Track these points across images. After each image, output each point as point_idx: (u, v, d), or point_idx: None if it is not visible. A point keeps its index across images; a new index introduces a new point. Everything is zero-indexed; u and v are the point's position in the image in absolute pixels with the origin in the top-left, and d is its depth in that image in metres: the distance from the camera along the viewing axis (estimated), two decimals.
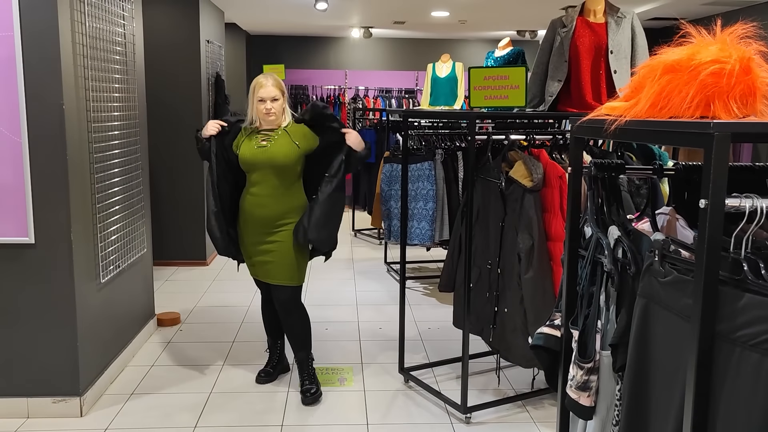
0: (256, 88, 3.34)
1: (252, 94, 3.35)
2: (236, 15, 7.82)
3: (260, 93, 3.32)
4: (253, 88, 3.35)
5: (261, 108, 3.32)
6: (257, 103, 3.33)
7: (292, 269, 3.39)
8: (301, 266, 3.45)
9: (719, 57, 1.42)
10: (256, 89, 3.34)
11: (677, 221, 1.73)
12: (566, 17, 3.64)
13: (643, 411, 1.60)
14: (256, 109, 3.34)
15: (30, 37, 3.03)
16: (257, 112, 3.35)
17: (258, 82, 3.36)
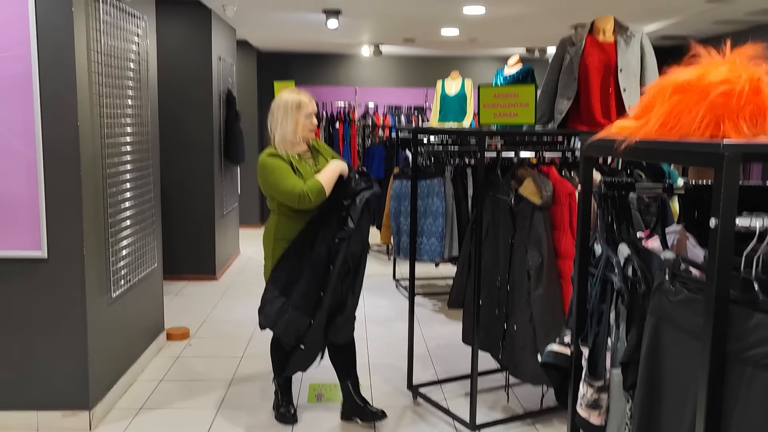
0: (302, 105, 3.17)
1: (294, 111, 3.15)
2: (248, 32, 7.90)
3: (308, 108, 3.18)
4: (296, 105, 3.16)
5: (308, 124, 3.19)
6: (304, 119, 3.17)
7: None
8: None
9: (729, 77, 1.43)
10: (302, 106, 3.17)
11: (687, 240, 1.73)
12: (575, 36, 3.66)
13: (654, 430, 1.59)
14: (302, 126, 3.17)
15: (46, 54, 3.08)
16: (303, 129, 3.18)
17: (299, 99, 3.18)
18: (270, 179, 3.09)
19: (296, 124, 3.17)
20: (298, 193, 3.00)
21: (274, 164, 3.10)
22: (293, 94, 3.22)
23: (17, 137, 3.11)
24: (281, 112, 3.18)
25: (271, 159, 3.12)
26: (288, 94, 3.23)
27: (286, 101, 3.18)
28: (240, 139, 6.95)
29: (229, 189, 7.07)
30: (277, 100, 3.24)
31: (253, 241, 8.53)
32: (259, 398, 3.74)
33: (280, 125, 3.18)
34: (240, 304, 5.64)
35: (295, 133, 3.17)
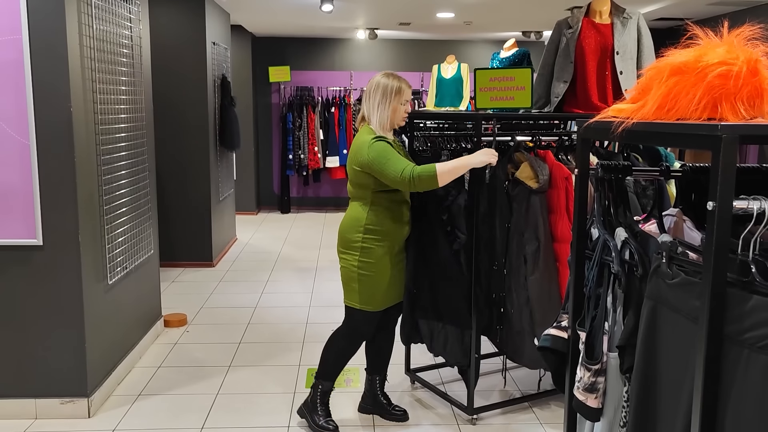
0: (402, 92, 3.02)
1: (393, 96, 2.99)
2: (242, 17, 7.84)
3: (407, 95, 3.04)
4: (396, 90, 3.00)
5: (402, 111, 3.04)
6: (401, 106, 3.03)
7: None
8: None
9: (726, 59, 1.42)
10: (402, 92, 3.02)
11: (684, 223, 1.73)
12: (572, 18, 3.64)
13: (651, 413, 1.60)
14: (398, 113, 3.03)
15: (38, 40, 3.05)
16: (397, 116, 3.03)
17: (399, 85, 3.02)
18: (378, 159, 2.88)
19: (394, 111, 3.02)
20: (408, 174, 2.83)
21: (381, 146, 2.92)
22: (393, 79, 3.03)
23: (10, 124, 3.09)
24: (380, 96, 3.01)
25: (378, 141, 2.93)
26: (387, 78, 3.04)
27: (386, 85, 3.01)
28: (235, 124, 6.92)
29: (224, 175, 7.05)
30: (376, 81, 3.05)
31: (250, 226, 8.54)
32: (258, 384, 3.75)
33: (377, 109, 3.01)
34: (237, 290, 5.64)
35: (391, 120, 3.03)
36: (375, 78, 3.06)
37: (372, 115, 3.03)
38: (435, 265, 3.19)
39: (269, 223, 8.92)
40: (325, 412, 3.19)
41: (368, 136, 2.97)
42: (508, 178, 3.23)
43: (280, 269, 6.37)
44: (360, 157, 2.95)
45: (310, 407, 3.20)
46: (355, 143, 3.03)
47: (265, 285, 5.81)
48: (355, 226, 3.02)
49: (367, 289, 3.03)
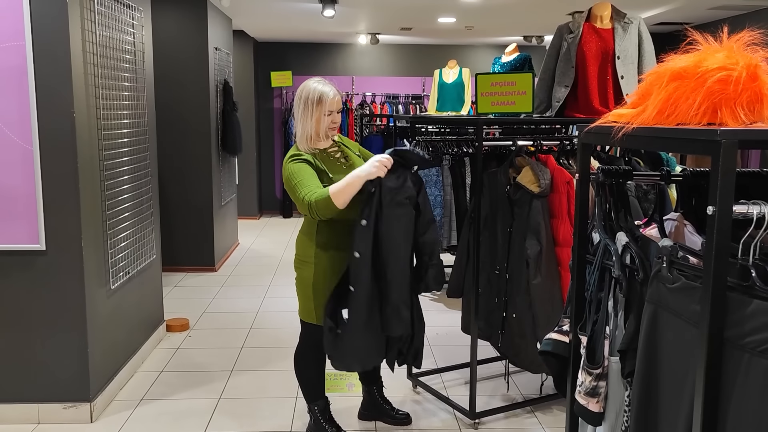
0: (323, 100, 2.81)
1: (315, 106, 2.81)
2: (244, 22, 7.86)
3: (331, 105, 2.82)
4: (317, 100, 2.80)
5: (328, 122, 2.85)
6: (325, 117, 2.83)
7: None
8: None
9: (726, 64, 1.43)
10: (324, 101, 2.81)
11: (685, 227, 1.73)
12: (573, 23, 3.65)
13: (652, 417, 1.60)
14: (323, 124, 2.84)
15: (41, 45, 3.06)
16: (322, 126, 2.84)
17: (322, 92, 2.82)
18: (288, 183, 2.76)
19: (317, 122, 2.83)
20: (306, 203, 2.65)
21: (294, 167, 2.76)
22: (317, 85, 2.84)
23: (13, 129, 3.10)
24: (301, 106, 2.84)
25: (290, 163, 2.78)
26: (312, 84, 2.86)
27: (308, 94, 2.83)
28: (237, 129, 6.94)
29: (227, 180, 7.06)
30: (300, 89, 2.88)
31: (252, 231, 8.55)
32: (259, 389, 3.75)
33: (300, 120, 2.85)
34: (239, 294, 5.64)
35: (316, 131, 2.84)
36: (299, 90, 2.88)
37: (297, 127, 2.88)
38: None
39: (271, 228, 8.92)
40: (332, 426, 3.12)
41: (287, 156, 2.83)
42: (510, 182, 3.23)
43: (282, 274, 6.37)
44: (283, 175, 2.82)
45: (315, 429, 3.11)
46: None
47: (267, 290, 5.81)
48: (306, 240, 2.89)
49: (323, 303, 2.82)
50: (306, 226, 2.93)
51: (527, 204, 3.15)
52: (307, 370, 3.08)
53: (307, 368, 3.07)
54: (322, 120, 2.83)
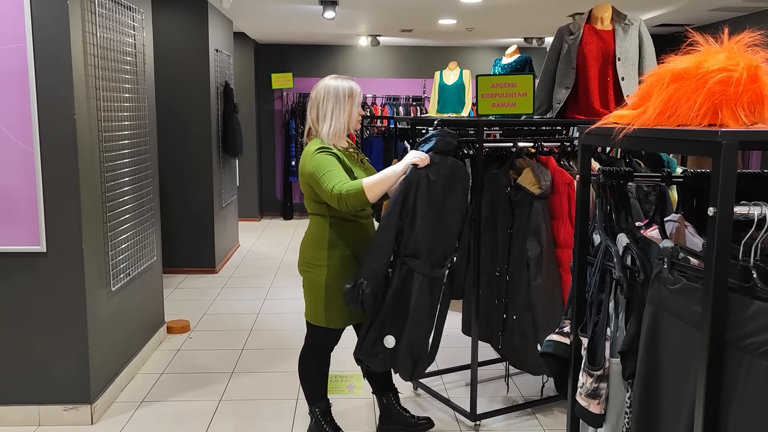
0: (354, 94, 2.84)
1: (346, 100, 2.82)
2: (245, 24, 7.87)
3: (360, 97, 2.87)
4: (348, 94, 2.83)
5: (357, 115, 2.88)
6: (355, 109, 2.86)
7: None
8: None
9: (727, 65, 1.43)
10: (354, 95, 2.84)
11: (686, 228, 1.73)
12: (573, 24, 3.65)
13: (653, 419, 1.60)
14: (353, 117, 2.86)
15: (42, 47, 3.07)
16: (353, 119, 2.87)
17: (351, 86, 2.85)
18: (317, 172, 2.69)
19: (349, 116, 2.84)
20: (337, 193, 2.63)
21: (323, 158, 2.72)
22: (343, 81, 2.86)
23: (14, 130, 3.11)
24: (332, 101, 2.81)
25: (318, 154, 2.73)
26: (336, 80, 2.86)
27: (338, 88, 2.82)
28: (238, 131, 6.94)
29: (227, 181, 7.06)
30: (325, 87, 2.85)
31: (253, 233, 8.55)
32: (260, 390, 3.75)
33: (331, 116, 2.81)
34: (240, 296, 5.64)
35: (347, 124, 2.85)
36: (322, 83, 2.87)
37: (322, 122, 2.84)
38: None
39: (272, 230, 8.92)
40: (333, 428, 3.11)
41: (313, 147, 2.80)
42: (511, 184, 3.23)
43: (282, 275, 6.37)
44: (305, 169, 2.77)
45: (316, 431, 3.10)
46: (302, 156, 2.85)
47: (268, 291, 5.81)
48: (317, 243, 2.85)
49: (332, 307, 2.86)
50: (315, 228, 2.88)
51: (528, 205, 3.15)
52: (311, 371, 3.06)
53: (311, 370, 3.06)
54: (353, 113, 2.86)
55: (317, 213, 2.87)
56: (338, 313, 2.89)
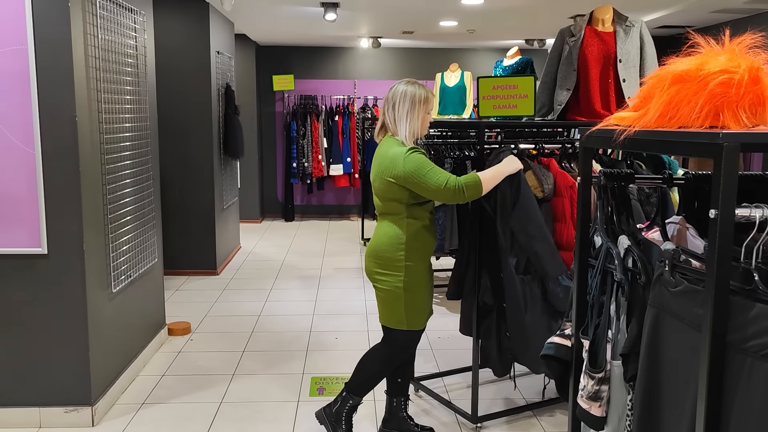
0: (428, 101, 2.93)
1: (420, 105, 2.90)
2: (246, 26, 7.87)
3: (432, 104, 2.97)
4: (424, 99, 2.91)
5: (428, 121, 2.97)
6: (427, 116, 2.95)
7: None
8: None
9: (728, 67, 1.42)
10: (429, 101, 2.93)
11: (687, 230, 1.73)
12: (575, 26, 3.65)
13: (655, 421, 1.59)
14: (425, 122, 2.95)
15: (43, 50, 3.07)
16: (425, 126, 2.95)
17: (425, 94, 2.93)
18: (419, 171, 2.76)
19: (422, 121, 2.93)
20: (453, 186, 2.74)
21: (419, 157, 2.79)
22: (418, 87, 2.93)
23: (15, 133, 3.11)
24: (408, 105, 2.89)
25: (414, 153, 2.80)
26: (412, 86, 2.93)
27: (414, 94, 2.90)
28: (239, 133, 6.95)
29: (228, 183, 7.07)
30: (401, 91, 2.92)
31: (254, 234, 8.55)
32: (261, 392, 3.75)
33: (406, 119, 2.89)
34: (241, 298, 5.64)
35: (421, 128, 2.93)
36: (399, 87, 2.94)
37: (399, 125, 2.90)
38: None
39: (273, 231, 8.93)
40: (348, 427, 3.11)
41: (400, 148, 2.84)
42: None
43: (283, 277, 6.37)
44: (395, 169, 2.80)
45: (334, 417, 3.09)
46: (384, 155, 2.88)
47: (269, 293, 5.81)
48: (395, 243, 2.88)
49: (412, 308, 2.92)
50: (391, 229, 2.91)
51: None
52: (372, 370, 3.08)
53: (374, 369, 3.07)
54: (426, 119, 2.95)
55: (393, 213, 2.91)
56: (419, 314, 2.96)
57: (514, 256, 3.12)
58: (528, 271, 3.11)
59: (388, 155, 2.85)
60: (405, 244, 2.87)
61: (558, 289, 3.00)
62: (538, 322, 3.10)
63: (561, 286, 2.99)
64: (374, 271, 2.96)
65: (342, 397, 3.11)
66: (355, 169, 9.53)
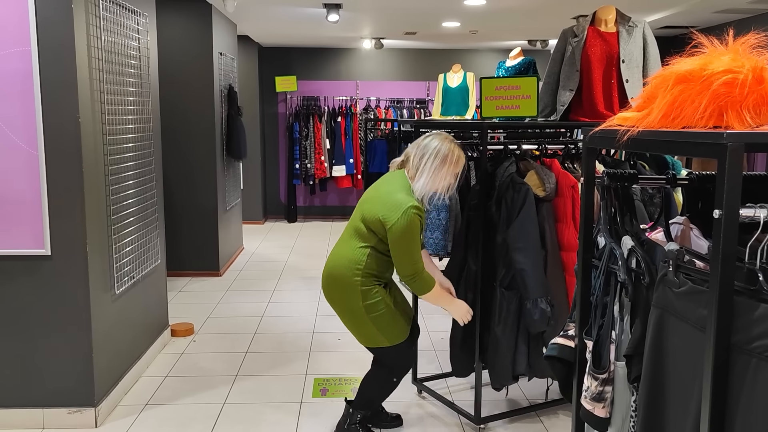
0: (460, 162, 2.87)
1: (452, 165, 2.84)
2: (248, 27, 7.88)
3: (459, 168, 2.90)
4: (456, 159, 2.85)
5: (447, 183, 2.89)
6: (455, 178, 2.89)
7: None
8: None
9: (732, 67, 1.42)
10: (461, 164, 2.88)
11: (691, 231, 1.72)
12: (577, 27, 3.64)
13: (659, 422, 1.59)
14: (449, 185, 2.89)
15: (47, 51, 3.08)
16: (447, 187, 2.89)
17: (460, 156, 2.87)
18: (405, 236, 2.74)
19: (443, 182, 2.86)
20: (415, 271, 2.80)
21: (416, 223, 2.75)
22: (457, 148, 2.87)
23: (19, 134, 3.11)
24: (439, 160, 2.82)
25: (416, 218, 2.75)
26: (452, 144, 2.86)
27: (448, 152, 2.82)
28: (242, 134, 6.95)
29: (231, 184, 7.07)
30: (438, 142, 2.85)
31: (257, 236, 8.56)
32: (264, 394, 3.75)
33: (431, 173, 2.82)
34: (244, 299, 5.64)
35: (437, 188, 2.86)
36: (438, 138, 2.87)
37: (420, 176, 2.83)
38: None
39: (276, 233, 8.93)
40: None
41: (406, 198, 2.78)
42: None
43: (286, 278, 6.37)
44: (390, 215, 2.76)
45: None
46: (388, 193, 2.83)
47: (272, 294, 5.81)
48: (352, 268, 2.87)
49: (384, 325, 2.90)
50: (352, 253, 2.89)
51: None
52: (378, 388, 3.11)
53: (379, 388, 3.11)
54: (451, 182, 2.89)
55: (362, 239, 2.89)
56: (394, 329, 2.94)
57: (503, 267, 3.13)
58: (511, 287, 3.12)
59: (392, 198, 2.80)
60: (362, 272, 2.86)
61: (535, 310, 2.98)
62: (506, 338, 3.11)
63: (538, 308, 2.98)
64: (332, 294, 2.97)
65: (350, 414, 3.14)
66: (357, 170, 9.53)
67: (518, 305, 3.10)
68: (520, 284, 3.05)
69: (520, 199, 3.03)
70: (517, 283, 3.07)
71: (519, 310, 3.10)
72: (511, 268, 3.08)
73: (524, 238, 3.02)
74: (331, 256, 3.00)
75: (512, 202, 3.06)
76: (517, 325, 3.12)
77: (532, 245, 3.03)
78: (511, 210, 3.08)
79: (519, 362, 3.15)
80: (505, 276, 3.12)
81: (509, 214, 3.08)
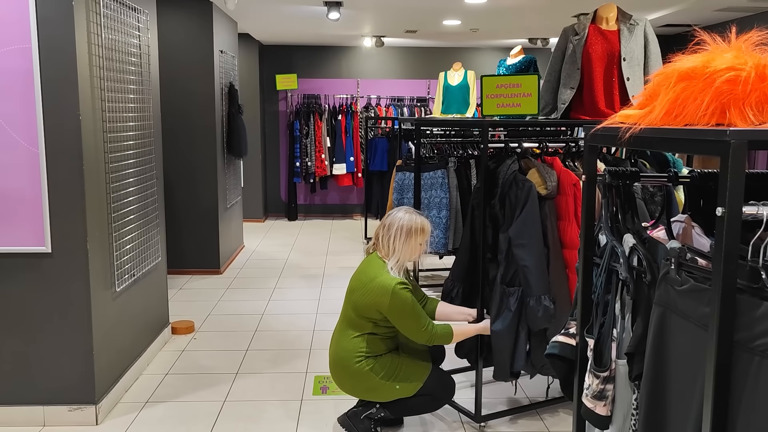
0: (425, 232, 3.06)
1: (418, 236, 3.03)
2: (249, 25, 7.87)
3: (427, 235, 3.10)
4: (420, 230, 3.03)
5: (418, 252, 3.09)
6: (420, 247, 3.07)
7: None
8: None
9: (734, 64, 1.42)
10: (425, 233, 3.06)
11: (693, 229, 1.72)
12: (578, 25, 3.64)
13: (661, 420, 1.58)
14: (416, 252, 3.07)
15: (47, 49, 3.07)
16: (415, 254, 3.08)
17: (423, 225, 3.05)
18: (405, 311, 2.93)
19: (414, 252, 3.06)
20: (430, 331, 2.98)
21: (408, 297, 2.93)
22: (418, 218, 3.06)
23: (19, 132, 3.11)
24: (404, 235, 3.01)
25: (405, 292, 2.93)
26: (412, 215, 3.06)
27: (411, 225, 3.02)
28: (242, 132, 6.95)
29: (232, 182, 7.07)
30: (399, 218, 3.04)
31: (257, 234, 8.56)
32: (265, 391, 3.75)
33: (401, 248, 3.02)
34: (244, 297, 5.64)
35: (411, 258, 3.07)
36: (398, 216, 3.05)
37: (391, 252, 3.03)
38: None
39: (276, 231, 8.93)
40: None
41: (389, 279, 2.94)
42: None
43: (287, 276, 6.37)
44: (381, 300, 2.92)
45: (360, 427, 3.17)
46: (371, 279, 2.98)
47: (273, 292, 5.81)
48: (354, 358, 3.02)
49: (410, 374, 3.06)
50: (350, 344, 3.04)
51: None
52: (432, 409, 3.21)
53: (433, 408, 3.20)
54: (417, 249, 3.07)
55: (358, 328, 3.04)
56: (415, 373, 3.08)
57: (505, 263, 3.13)
58: (512, 283, 3.12)
59: (376, 282, 2.96)
60: (365, 356, 3.02)
61: (538, 307, 3.02)
62: (503, 334, 3.12)
63: (542, 305, 3.02)
64: (343, 383, 3.11)
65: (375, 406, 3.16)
66: (358, 169, 9.53)
67: (519, 302, 3.10)
68: (522, 281, 3.05)
69: (523, 196, 3.03)
70: (519, 280, 3.07)
71: (520, 307, 3.10)
72: (513, 264, 3.07)
73: (527, 235, 3.03)
74: (332, 346, 3.15)
75: (516, 199, 3.07)
76: (517, 321, 3.12)
77: (535, 242, 3.03)
78: (514, 207, 3.08)
79: (518, 359, 3.15)
80: (507, 272, 3.12)
81: (512, 211, 3.08)
